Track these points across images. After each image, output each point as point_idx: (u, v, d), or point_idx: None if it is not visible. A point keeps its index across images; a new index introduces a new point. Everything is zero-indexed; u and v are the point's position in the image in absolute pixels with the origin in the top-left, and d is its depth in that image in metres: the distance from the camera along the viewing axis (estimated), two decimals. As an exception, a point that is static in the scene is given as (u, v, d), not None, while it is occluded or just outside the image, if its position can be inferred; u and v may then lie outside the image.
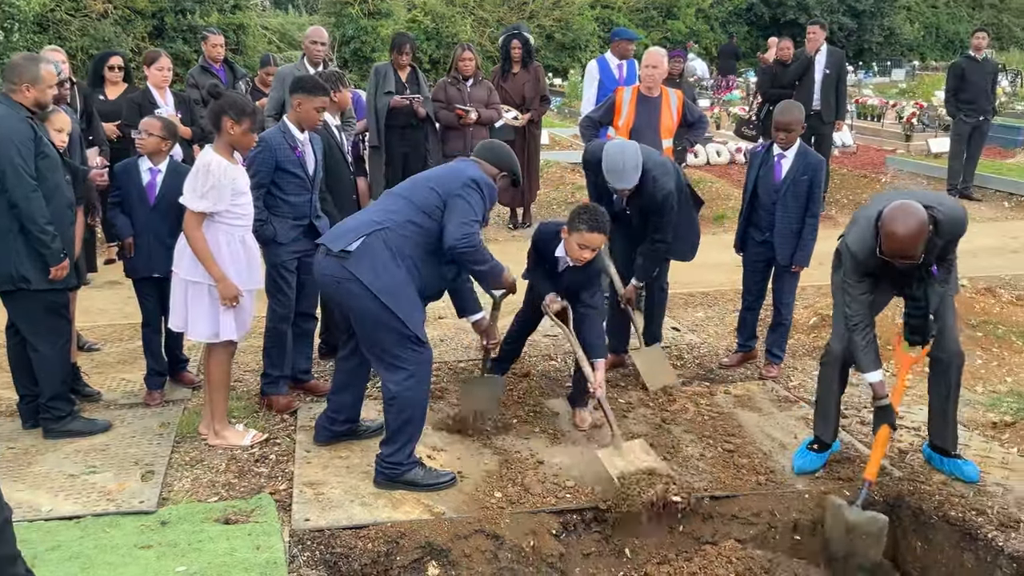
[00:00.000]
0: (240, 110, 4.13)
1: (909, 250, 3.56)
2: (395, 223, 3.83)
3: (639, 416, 4.78)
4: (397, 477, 3.95)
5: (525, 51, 8.67)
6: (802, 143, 5.24)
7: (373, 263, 3.75)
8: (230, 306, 4.16)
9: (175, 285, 4.29)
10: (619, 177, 4.76)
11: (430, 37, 19.79)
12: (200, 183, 4.08)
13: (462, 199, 3.83)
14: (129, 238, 4.77)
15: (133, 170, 4.79)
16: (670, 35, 23.90)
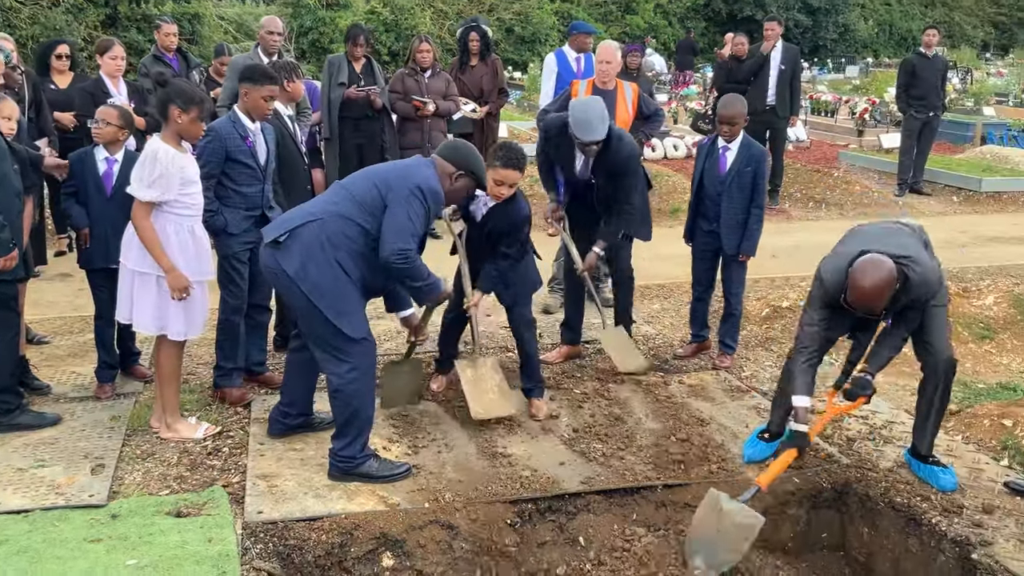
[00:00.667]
0: (187, 99, 4.08)
1: (871, 304, 3.63)
2: (331, 215, 3.74)
3: (595, 407, 4.81)
4: (351, 470, 3.95)
5: (483, 44, 8.66)
6: (746, 135, 5.36)
7: (301, 256, 3.69)
8: (179, 298, 4.12)
9: (122, 275, 4.24)
10: (587, 129, 4.75)
11: (389, 29, 19.69)
12: (147, 172, 4.03)
13: (402, 209, 3.68)
14: (85, 228, 4.70)
15: (89, 160, 4.71)
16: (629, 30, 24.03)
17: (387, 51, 19.44)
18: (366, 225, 3.73)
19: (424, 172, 3.83)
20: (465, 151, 4.04)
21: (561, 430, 4.55)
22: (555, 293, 6.51)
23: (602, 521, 3.93)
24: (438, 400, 4.84)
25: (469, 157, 4.01)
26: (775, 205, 10.20)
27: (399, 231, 3.67)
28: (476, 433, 4.46)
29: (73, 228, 4.85)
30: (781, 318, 6.27)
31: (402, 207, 3.69)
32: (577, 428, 4.57)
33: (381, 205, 3.72)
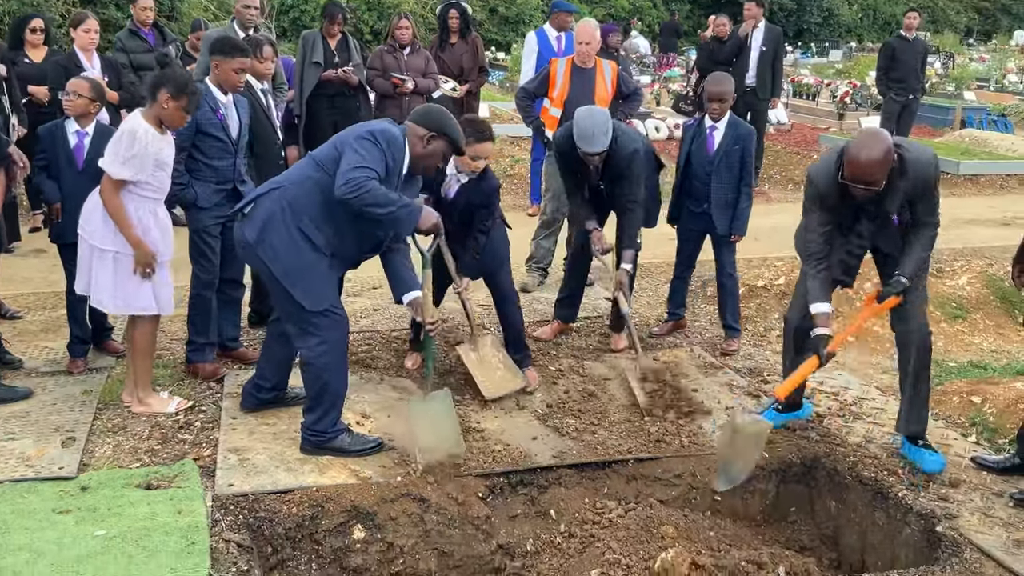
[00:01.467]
0: (179, 87, 4.05)
1: (870, 174, 3.57)
2: (292, 181, 3.75)
3: (569, 383, 4.83)
4: (323, 444, 3.95)
5: (463, 21, 8.61)
6: (732, 115, 5.33)
7: (262, 224, 3.68)
8: (144, 274, 4.09)
9: (82, 249, 4.20)
10: (589, 141, 4.73)
11: (372, 8, 19.55)
12: (124, 149, 3.99)
13: (351, 151, 3.59)
14: (57, 203, 4.65)
15: (59, 133, 4.66)
16: (614, 11, 23.95)
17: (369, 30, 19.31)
18: (325, 181, 3.66)
19: (381, 124, 3.78)
20: (438, 113, 3.89)
21: (535, 406, 4.56)
22: (532, 272, 6.52)
23: (573, 495, 3.96)
24: (412, 377, 4.84)
25: (442, 118, 3.85)
26: (755, 186, 10.21)
27: (348, 164, 3.56)
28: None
29: (45, 203, 4.80)
30: (756, 297, 6.30)
31: (351, 149, 3.61)
32: (551, 404, 4.59)
33: (337, 158, 3.65)
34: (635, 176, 4.96)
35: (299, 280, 3.71)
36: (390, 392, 4.64)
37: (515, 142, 11.50)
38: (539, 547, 3.80)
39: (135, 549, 3.19)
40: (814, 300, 3.87)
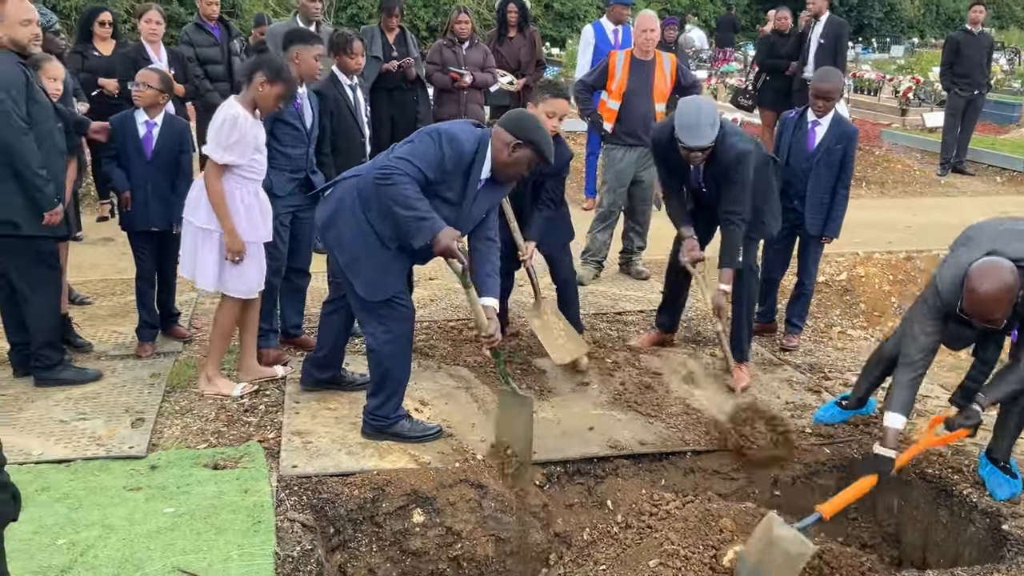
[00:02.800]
0: (276, 71, 4.15)
1: (989, 314, 3.29)
2: (367, 171, 3.79)
3: (625, 376, 4.83)
4: (384, 429, 4.01)
5: (521, 15, 8.62)
6: (837, 112, 5.13)
7: (333, 209, 3.78)
8: (234, 260, 4.21)
9: (186, 232, 4.33)
10: (693, 134, 4.33)
11: (427, 4, 19.68)
12: (225, 135, 4.11)
13: (411, 141, 3.64)
14: (126, 192, 4.76)
15: (129, 123, 4.77)
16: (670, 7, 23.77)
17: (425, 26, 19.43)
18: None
19: (457, 125, 3.74)
20: (528, 121, 3.72)
21: (592, 396, 4.57)
22: (587, 265, 6.51)
23: (630, 485, 3.96)
24: (470, 366, 4.88)
25: (531, 127, 3.69)
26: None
27: (398, 154, 3.60)
28: (507, 397, 4.50)
29: (114, 191, 4.89)
30: (817, 293, 6.20)
31: (410, 142, 3.65)
32: (608, 395, 4.59)
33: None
34: (741, 182, 4.47)
35: (361, 270, 3.76)
36: (448, 380, 4.69)
37: (570, 136, 11.46)
38: (596, 537, 3.80)
39: (203, 526, 3.28)
40: (892, 410, 3.57)
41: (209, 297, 5.86)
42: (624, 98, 6.16)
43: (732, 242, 4.55)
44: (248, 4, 16.79)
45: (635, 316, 5.77)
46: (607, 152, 6.41)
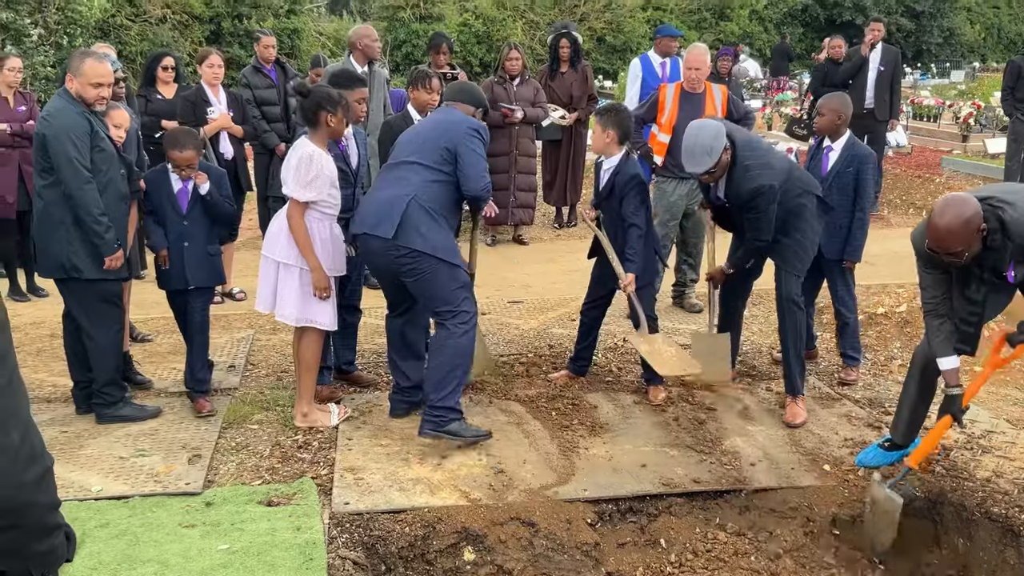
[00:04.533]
0: (334, 101, 4.30)
1: (946, 245, 3.40)
2: (419, 187, 4.18)
3: (679, 411, 4.77)
4: (443, 425, 4.17)
5: (573, 51, 8.69)
6: (852, 135, 5.14)
7: (419, 230, 4.13)
8: (322, 296, 4.30)
9: (265, 267, 4.42)
10: (688, 160, 4.44)
11: (480, 40, 19.93)
12: (303, 173, 4.23)
13: (470, 150, 4.21)
14: (164, 250, 4.63)
15: (163, 178, 4.65)
16: (723, 37, 23.70)
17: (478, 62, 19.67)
18: (446, 180, 4.23)
19: (461, 116, 4.37)
20: (470, 88, 4.68)
21: (644, 432, 4.52)
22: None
23: (684, 524, 3.90)
24: (522, 400, 4.87)
25: (479, 93, 4.64)
26: (874, 211, 9.92)
27: (477, 168, 4.23)
28: (558, 432, 4.48)
29: (152, 250, 4.77)
30: (876, 325, 6.09)
31: (470, 149, 4.22)
32: (661, 431, 4.54)
33: (450, 157, 4.21)
34: (759, 215, 4.48)
35: (452, 255, 4.19)
36: (499, 416, 4.68)
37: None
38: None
39: (256, 563, 3.31)
40: (940, 354, 3.71)
41: (265, 333, 5.98)
42: (674, 131, 6.15)
43: (744, 251, 4.75)
44: (305, 45, 17.20)
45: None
46: (658, 185, 6.39)
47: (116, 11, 14.61)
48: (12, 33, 12.40)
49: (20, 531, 1.49)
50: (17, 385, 1.50)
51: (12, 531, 1.48)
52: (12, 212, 6.46)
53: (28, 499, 1.48)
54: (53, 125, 4.21)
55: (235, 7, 15.73)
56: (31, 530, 1.51)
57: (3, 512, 1.46)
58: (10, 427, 1.46)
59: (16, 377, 1.51)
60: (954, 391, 3.68)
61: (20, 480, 1.46)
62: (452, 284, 4.19)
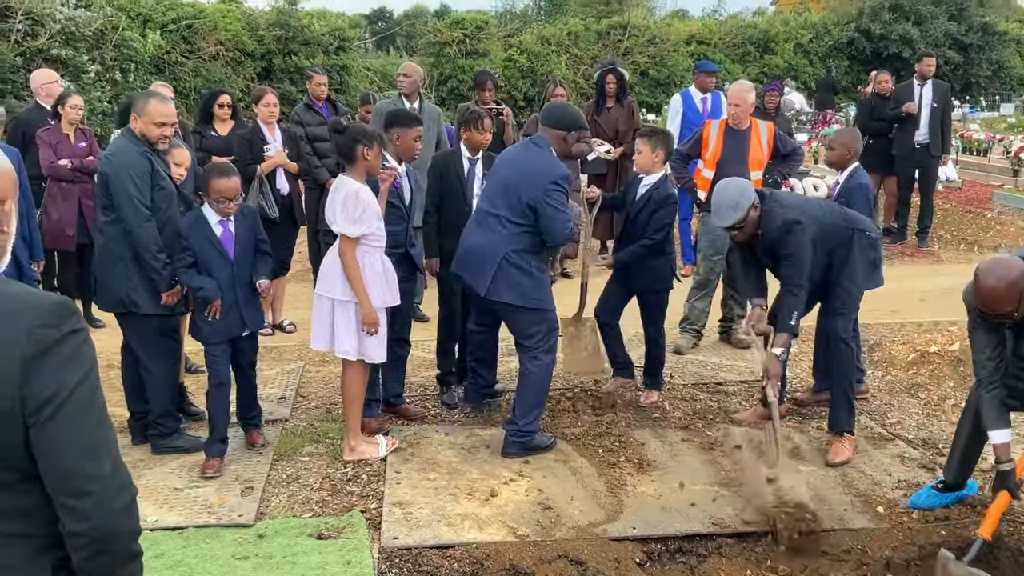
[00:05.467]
0: (369, 136, 4.40)
1: (994, 307, 3.46)
2: (509, 241, 4.48)
3: (727, 450, 4.73)
4: (526, 445, 4.57)
5: (619, 86, 8.76)
6: (858, 167, 5.26)
7: (509, 284, 4.48)
8: (370, 332, 4.36)
9: (319, 305, 4.49)
10: (716, 213, 4.56)
11: (525, 75, 20.12)
12: (351, 209, 4.31)
13: (551, 207, 4.42)
14: (218, 299, 4.36)
15: (202, 224, 4.40)
16: (767, 70, 23.67)
17: (523, 97, 19.85)
18: (530, 231, 4.50)
19: (546, 160, 4.49)
20: (563, 109, 4.80)
21: (693, 471, 4.49)
22: (686, 333, 6.45)
23: (734, 565, 3.85)
24: (568, 437, 4.86)
25: (572, 115, 4.69)
26: (924, 247, 9.81)
27: (558, 222, 4.47)
28: (605, 469, 4.47)
29: (204, 301, 4.38)
30: (928, 364, 6.00)
31: (551, 206, 4.43)
32: (710, 469, 4.51)
33: (532, 212, 4.45)
34: (791, 253, 4.44)
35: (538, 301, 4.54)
36: (546, 452, 4.68)
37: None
38: (699, 617, 3.71)
39: (307, 597, 3.34)
40: (990, 428, 3.66)
41: (315, 365, 6.05)
42: (718, 167, 6.16)
43: (785, 308, 4.51)
44: (353, 81, 17.50)
45: (736, 387, 5.67)
46: (703, 220, 6.39)
47: (170, 48, 15.02)
48: (71, 69, 12.82)
49: (108, 557, 1.56)
50: (107, 418, 1.59)
51: (101, 557, 1.55)
52: (72, 245, 6.64)
53: (118, 526, 1.56)
54: (115, 164, 4.35)
55: (286, 44, 16.08)
56: (118, 556, 1.58)
57: (96, 539, 1.53)
58: (103, 457, 1.54)
59: (106, 410, 1.59)
60: (1006, 467, 3.61)
61: (111, 508, 1.54)
62: (534, 326, 4.54)
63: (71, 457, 1.51)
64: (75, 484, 1.51)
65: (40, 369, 1.49)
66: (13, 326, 1.48)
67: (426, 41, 20.63)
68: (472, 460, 4.58)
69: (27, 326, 1.49)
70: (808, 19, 25.34)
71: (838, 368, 4.69)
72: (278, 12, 16.46)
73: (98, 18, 13.71)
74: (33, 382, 1.48)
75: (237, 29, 15.77)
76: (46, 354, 1.49)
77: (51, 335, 1.50)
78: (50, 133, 6.66)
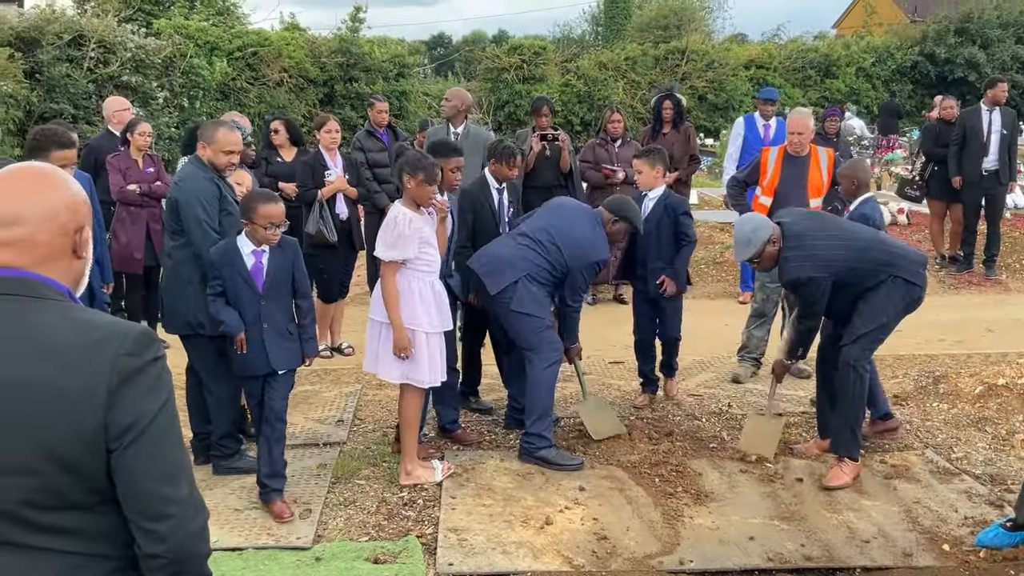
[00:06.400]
0: (414, 165, 4.44)
1: None
2: (534, 270, 4.81)
3: (788, 482, 4.65)
4: (535, 452, 4.73)
5: (676, 112, 8.74)
6: (870, 197, 5.48)
7: (522, 297, 4.78)
8: (402, 356, 4.40)
9: (370, 329, 4.59)
10: (734, 246, 4.82)
11: (582, 100, 20.15)
12: (388, 234, 4.40)
13: (582, 277, 4.98)
14: (241, 333, 4.20)
15: (233, 253, 4.22)
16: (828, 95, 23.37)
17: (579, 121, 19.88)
18: (555, 273, 4.89)
19: (600, 242, 4.95)
20: (623, 204, 5.14)
21: (752, 503, 4.43)
22: (744, 362, 6.38)
23: None
24: (624, 466, 4.83)
25: (627, 208, 5.11)
26: (992, 276, 9.55)
27: (579, 291, 5.06)
28: (662, 499, 4.43)
29: (227, 334, 4.26)
30: (996, 397, 5.83)
31: (583, 277, 4.99)
32: (769, 502, 4.43)
33: (565, 268, 4.86)
34: (802, 300, 4.69)
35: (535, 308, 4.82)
36: (601, 480, 4.66)
37: (724, 229, 11.37)
38: (757, 654, 3.64)
39: (363, 621, 3.36)
40: None
41: (372, 388, 6.11)
42: (776, 194, 6.11)
43: (793, 343, 4.92)
44: (412, 106, 17.74)
45: (796, 418, 5.58)
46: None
47: (236, 75, 15.40)
48: (140, 96, 13.22)
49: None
50: (182, 442, 1.64)
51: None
52: (140, 268, 6.83)
53: (193, 549, 1.60)
54: (185, 189, 4.48)
55: (347, 71, 16.36)
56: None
57: (172, 561, 1.57)
58: (180, 481, 1.59)
59: (181, 435, 1.64)
60: None
61: (188, 530, 1.58)
62: (536, 334, 4.79)
63: (150, 481, 1.55)
64: (154, 507, 1.56)
65: (123, 397, 1.53)
66: (99, 355, 1.53)
67: (484, 67, 20.80)
68: (527, 486, 4.57)
69: (112, 355, 1.54)
70: (870, 43, 24.95)
71: (846, 391, 4.64)
72: (340, 39, 16.78)
73: (167, 46, 14.15)
74: (116, 409, 1.53)
75: (301, 56, 16.12)
76: (129, 382, 1.54)
77: (134, 364, 1.55)
78: (120, 159, 6.88)
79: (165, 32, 14.92)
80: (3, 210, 1.59)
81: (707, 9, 35.79)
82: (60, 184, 1.65)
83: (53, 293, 1.60)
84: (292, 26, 17.99)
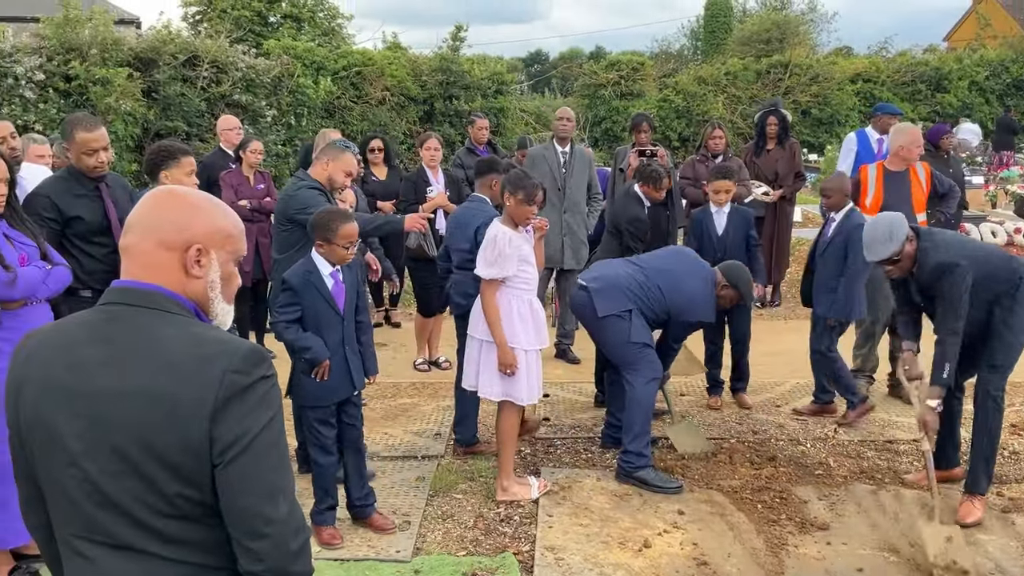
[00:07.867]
0: (514, 184, 4.47)
1: None
2: (643, 303, 4.89)
3: (899, 511, 4.47)
4: (633, 472, 4.71)
5: (781, 128, 8.57)
6: (852, 208, 5.62)
7: (623, 328, 4.83)
8: (507, 373, 4.43)
9: (469, 346, 4.64)
10: (869, 247, 4.36)
11: (680, 115, 19.93)
12: (488, 253, 4.44)
13: (682, 330, 5.12)
14: (326, 359, 3.99)
15: (315, 275, 4.00)
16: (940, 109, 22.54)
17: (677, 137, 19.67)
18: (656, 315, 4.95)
19: (708, 303, 4.97)
20: (738, 272, 5.08)
21: (861, 534, 4.27)
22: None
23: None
24: (725, 490, 4.73)
25: (739, 276, 5.06)
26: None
27: (679, 338, 5.23)
28: (765, 526, 4.31)
29: (310, 363, 4.00)
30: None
31: (683, 329, 5.14)
32: (879, 533, 4.27)
33: (668, 316, 4.97)
34: (944, 296, 4.20)
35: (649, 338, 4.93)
36: (701, 504, 4.57)
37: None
38: None
39: (461, 637, 3.37)
40: None
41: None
42: (882, 211, 5.90)
43: (937, 358, 4.24)
44: (510, 123, 17.85)
45: (907, 445, 5.36)
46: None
47: (340, 94, 15.77)
48: (250, 114, 13.69)
49: None
50: (287, 461, 1.65)
51: None
52: (248, 280, 7.05)
53: (292, 569, 1.61)
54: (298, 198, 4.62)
55: (447, 89, 16.58)
56: None
57: None
58: (280, 500, 1.60)
59: (287, 454, 1.65)
60: None
61: (286, 551, 1.60)
62: (636, 356, 4.81)
63: (250, 499, 1.57)
64: (252, 525, 1.57)
65: (229, 413, 1.56)
66: (209, 370, 1.57)
67: (581, 83, 20.81)
68: (624, 507, 4.52)
69: (221, 371, 1.57)
70: (984, 56, 23.97)
71: (985, 425, 4.38)
72: (441, 58, 17.02)
73: (276, 66, 14.61)
74: (221, 424, 1.56)
75: (402, 75, 16.41)
76: (235, 399, 1.57)
77: (242, 381, 1.58)
78: (232, 175, 7.13)
79: (274, 52, 15.41)
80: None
81: (811, 22, 35.06)
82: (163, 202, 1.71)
83: (177, 308, 1.66)
84: (394, 45, 18.34)
